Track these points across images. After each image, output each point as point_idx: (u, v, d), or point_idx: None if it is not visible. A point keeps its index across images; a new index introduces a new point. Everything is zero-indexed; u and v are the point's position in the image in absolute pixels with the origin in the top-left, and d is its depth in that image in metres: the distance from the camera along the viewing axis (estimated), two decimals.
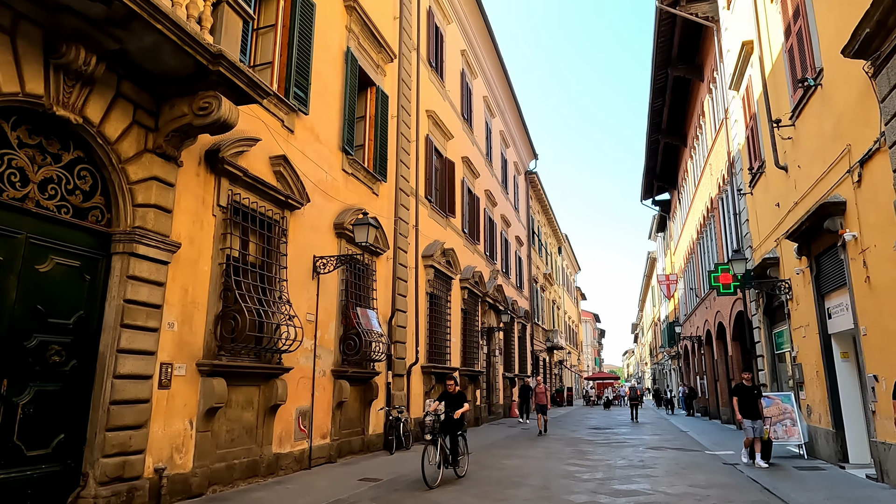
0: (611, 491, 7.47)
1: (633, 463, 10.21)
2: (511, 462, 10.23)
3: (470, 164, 19.29)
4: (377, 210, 12.07)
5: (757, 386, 10.21)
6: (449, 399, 8.50)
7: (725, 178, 16.98)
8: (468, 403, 8.74)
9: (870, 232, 7.71)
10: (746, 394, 9.91)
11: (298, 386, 8.83)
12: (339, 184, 10.60)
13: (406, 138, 13.72)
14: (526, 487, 7.69)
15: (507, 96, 26.07)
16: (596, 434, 16.60)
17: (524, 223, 30.93)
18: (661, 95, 22.40)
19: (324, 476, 8.37)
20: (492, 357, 21.56)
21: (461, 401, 8.63)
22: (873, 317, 7.76)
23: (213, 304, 7.10)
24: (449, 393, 8.68)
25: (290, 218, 8.86)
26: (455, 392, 8.73)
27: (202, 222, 7.03)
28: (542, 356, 34.52)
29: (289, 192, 8.59)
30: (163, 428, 6.25)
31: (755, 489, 7.71)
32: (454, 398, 8.59)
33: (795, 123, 10.41)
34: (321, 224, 9.85)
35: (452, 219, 17.17)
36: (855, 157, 7.99)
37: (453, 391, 8.72)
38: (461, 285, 17.56)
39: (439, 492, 7.42)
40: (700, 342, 24.47)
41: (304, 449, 8.92)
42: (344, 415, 10.25)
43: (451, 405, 8.36)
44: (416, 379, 13.58)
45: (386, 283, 12.30)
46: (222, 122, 6.16)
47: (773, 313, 13.44)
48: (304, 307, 9.13)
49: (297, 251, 9.00)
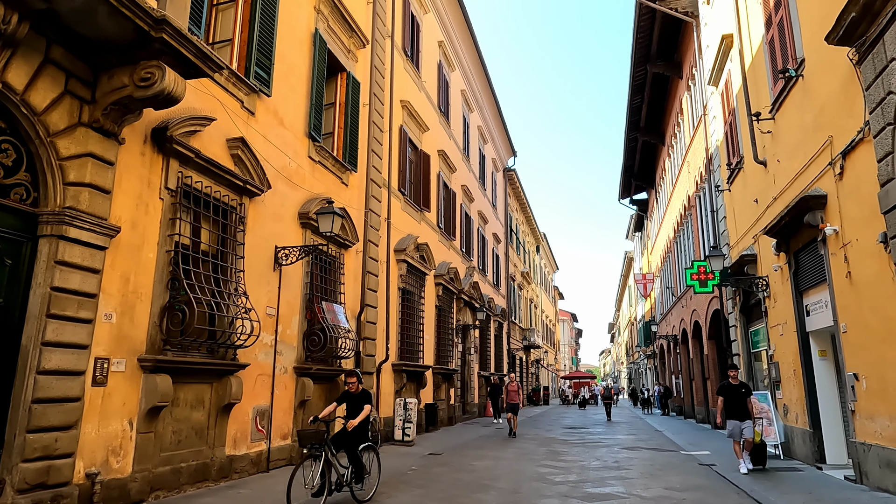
0: (584, 495, 7.11)
1: (608, 464, 9.89)
2: (482, 464, 9.83)
3: (446, 157, 18.86)
4: (346, 201, 11.58)
5: (744, 384, 9.44)
6: (350, 401, 6.89)
7: (703, 175, 16.82)
8: (370, 406, 6.75)
9: (851, 226, 7.47)
10: (733, 393, 9.19)
11: (256, 384, 8.31)
12: (305, 171, 10.08)
13: (378, 128, 13.23)
14: (495, 491, 7.29)
15: (485, 91, 25.70)
16: (571, 434, 16.32)
17: (502, 220, 30.62)
18: (639, 92, 22.24)
19: (282, 480, 7.84)
20: (467, 355, 21.18)
21: (363, 402, 6.77)
22: (854, 313, 7.53)
23: (159, 295, 6.56)
24: (350, 393, 6.94)
25: (250, 205, 8.33)
26: (358, 391, 6.93)
27: (147, 206, 6.48)
28: (518, 355, 34.27)
29: (247, 178, 8.06)
30: (97, 429, 5.70)
31: (732, 492, 7.43)
32: (356, 399, 6.87)
33: (775, 117, 10.18)
34: (284, 213, 9.33)
35: (427, 213, 16.72)
36: (837, 149, 7.75)
37: (356, 390, 6.92)
38: (436, 281, 17.12)
39: (402, 495, 6.99)
40: (676, 341, 24.41)
41: (262, 451, 8.41)
42: (307, 414, 9.73)
43: (353, 409, 6.81)
44: (386, 377, 13.11)
45: (355, 277, 11.80)
46: (167, 95, 5.63)
47: (750, 311, 13.27)
48: (264, 300, 8.61)
49: (256, 241, 8.48)
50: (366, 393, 6.97)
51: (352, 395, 6.98)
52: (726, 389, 9.27)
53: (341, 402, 7.05)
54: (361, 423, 6.65)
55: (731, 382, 9.28)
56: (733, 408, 9.05)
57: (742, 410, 8.99)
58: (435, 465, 9.63)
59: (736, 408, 9.03)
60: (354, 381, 7.01)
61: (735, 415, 9.01)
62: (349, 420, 6.58)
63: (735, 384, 9.25)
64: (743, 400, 9.05)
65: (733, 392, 9.16)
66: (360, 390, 6.99)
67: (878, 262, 6.79)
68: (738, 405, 9.04)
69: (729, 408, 9.08)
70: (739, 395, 9.10)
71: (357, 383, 7.02)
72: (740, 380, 9.62)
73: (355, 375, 7.07)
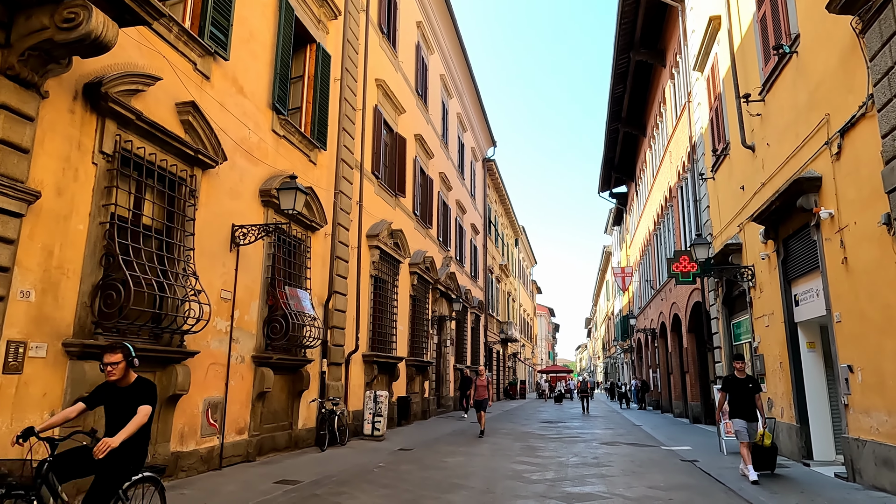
0: (562, 495, 6.57)
1: (587, 461, 9.39)
2: (454, 460, 9.25)
3: (423, 143, 18.19)
4: (315, 180, 10.86)
5: (752, 378, 8.14)
6: (114, 400, 4.03)
7: (686, 164, 16.44)
8: (151, 407, 4.01)
9: (849, 209, 7.03)
10: (739, 388, 7.97)
11: (208, 373, 7.60)
12: (268, 146, 9.35)
13: (351, 105, 12.51)
14: (466, 491, 6.71)
15: (465, 78, 25.04)
16: (547, 428, 15.86)
17: (480, 211, 30.06)
18: (622, 82, 21.83)
19: (234, 478, 7.19)
20: (443, 347, 20.60)
21: (139, 399, 3.98)
22: (849, 302, 7.10)
23: (91, 272, 5.81)
24: (114, 386, 4.06)
25: (202, 178, 7.59)
26: (129, 383, 4.07)
27: (77, 171, 5.72)
28: (495, 348, 33.83)
29: (199, 147, 7.31)
30: (9, 423, 4.96)
31: (719, 490, 6.96)
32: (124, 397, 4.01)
33: (765, 98, 9.74)
34: (244, 189, 8.59)
35: (402, 199, 16.05)
36: (834, 128, 7.30)
37: (122, 379, 4.05)
38: (410, 270, 16.48)
39: (364, 496, 6.36)
40: (654, 335, 24.15)
41: (214, 446, 7.70)
42: (267, 407, 9.05)
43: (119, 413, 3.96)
44: (356, 368, 12.45)
45: (323, 261, 11.10)
46: (94, 41, 4.88)
47: (733, 303, 12.91)
48: (219, 283, 7.88)
49: (210, 218, 7.74)
50: (144, 385, 4.08)
51: (117, 388, 4.04)
52: (731, 383, 8.08)
53: (95, 400, 4.06)
54: (131, 441, 3.85)
55: (738, 376, 8.08)
56: (740, 405, 7.88)
57: (750, 408, 7.86)
58: (404, 461, 9.03)
59: (743, 405, 7.88)
60: (118, 363, 3.98)
61: (742, 413, 7.85)
62: (105, 437, 3.74)
63: (742, 378, 8.04)
64: (751, 396, 7.89)
65: (740, 387, 7.99)
66: (132, 381, 4.08)
67: (879, 247, 6.35)
68: (745, 402, 7.89)
69: (734, 405, 7.93)
70: (747, 391, 7.94)
71: (126, 368, 4.04)
72: (748, 373, 8.33)
73: (121, 351, 4.03)
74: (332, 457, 9.22)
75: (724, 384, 8.25)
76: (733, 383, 8.08)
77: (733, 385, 8.06)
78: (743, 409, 7.86)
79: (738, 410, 7.89)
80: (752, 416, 7.84)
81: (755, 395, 7.90)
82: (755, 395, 7.89)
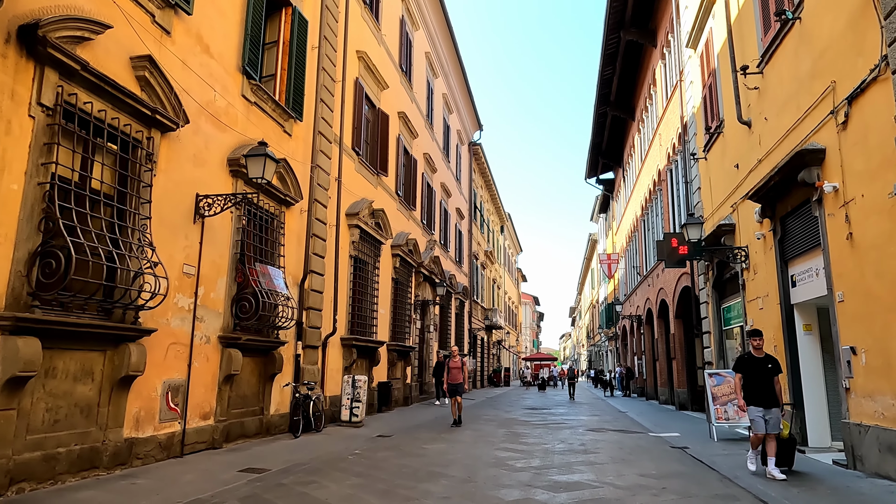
0: (549, 484, 6.12)
1: (574, 447, 8.98)
2: (434, 447, 8.79)
3: (407, 121, 17.56)
4: (290, 152, 10.24)
5: (772, 357, 6.88)
6: None
7: (676, 146, 16.03)
8: None
9: (855, 181, 6.61)
10: (756, 369, 6.76)
11: (168, 354, 7.02)
12: (238, 112, 8.71)
13: (330, 76, 11.87)
14: (445, 480, 6.23)
15: (451, 58, 24.38)
16: (532, 414, 15.48)
17: (466, 196, 29.53)
18: (611, 63, 21.33)
19: (195, 466, 6.65)
20: (426, 333, 20.13)
21: None
22: (853, 280, 6.70)
23: (27, 238, 5.20)
24: None
25: (162, 141, 6.96)
26: None
27: (10, 123, 5.08)
28: (480, 335, 33.46)
29: (157, 106, 6.68)
30: None
31: (714, 479, 6.57)
32: None
33: (764, 70, 9.30)
34: (210, 157, 7.97)
35: (385, 177, 15.45)
36: (841, 95, 6.86)
37: None
38: (393, 252, 15.92)
39: (333, 486, 5.87)
40: (640, 321, 23.89)
41: (175, 432, 7.14)
42: (236, 391, 8.50)
43: None
44: (333, 352, 11.91)
45: (298, 239, 10.51)
46: None
47: (724, 287, 12.57)
48: (180, 257, 7.28)
49: (171, 185, 7.13)
50: None
51: None
52: (747, 364, 6.87)
53: None
54: None
55: (755, 354, 6.88)
56: (756, 389, 6.69)
57: (768, 394, 6.64)
58: (381, 448, 8.55)
59: (760, 390, 6.67)
60: None
61: (759, 398, 6.64)
62: None
63: (759, 357, 6.83)
64: (770, 379, 6.68)
65: (757, 368, 6.77)
66: None
67: (889, 220, 5.95)
68: (763, 386, 6.66)
69: (750, 389, 6.74)
70: (765, 373, 6.71)
71: None
72: (766, 352, 7.08)
73: None
74: (305, 444, 8.71)
75: (738, 364, 7.01)
76: (749, 364, 6.84)
77: (749, 366, 6.84)
78: (760, 393, 6.65)
79: (755, 395, 6.67)
80: (770, 402, 6.61)
81: (775, 377, 6.71)
82: (775, 378, 6.71)
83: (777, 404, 6.63)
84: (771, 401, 6.63)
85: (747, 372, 6.82)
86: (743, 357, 7.02)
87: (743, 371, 6.87)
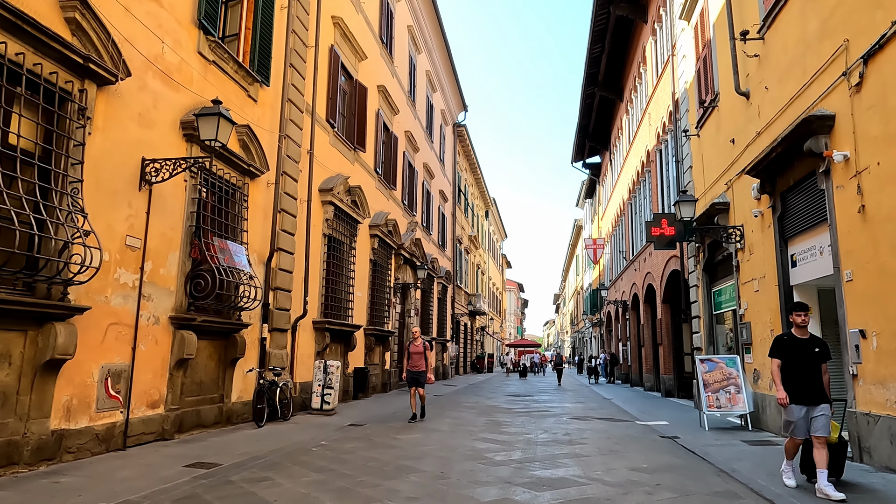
0: (531, 481, 5.51)
1: (558, 437, 8.40)
2: (408, 437, 8.15)
3: (388, 96, 16.73)
4: (255, 119, 9.44)
5: (818, 339, 5.38)
6: None
7: (667, 125, 15.43)
8: None
9: (870, 148, 6.01)
10: (800, 354, 5.22)
11: (108, 335, 6.26)
12: (193, 70, 7.88)
13: (301, 41, 11.03)
14: (416, 475, 5.59)
15: (435, 33, 23.50)
16: (514, 402, 14.94)
17: (450, 178, 28.78)
18: (600, 41, 20.64)
19: (137, 461, 5.93)
20: (406, 318, 19.46)
21: None
22: (865, 257, 6.13)
23: None
24: None
25: (99, 95, 6.15)
26: None
27: None
28: (463, 320, 32.91)
29: (90, 53, 5.86)
30: None
31: (710, 472, 6.01)
32: None
33: (765, 36, 8.67)
34: (159, 118, 7.16)
35: (362, 153, 14.67)
36: (855, 55, 6.25)
37: None
38: (371, 232, 15.18)
39: (288, 483, 5.20)
40: (626, 307, 23.45)
41: (116, 423, 6.41)
42: (191, 377, 7.77)
43: None
44: (304, 336, 11.20)
45: (265, 214, 9.75)
46: None
47: (715, 269, 12.03)
48: (122, 227, 6.50)
49: (111, 146, 6.33)
50: None
51: None
52: (787, 347, 5.33)
53: None
54: None
55: (797, 335, 5.33)
56: (798, 381, 5.17)
57: (815, 386, 5.13)
58: (351, 438, 7.90)
59: (804, 381, 5.14)
60: None
61: (801, 393, 5.13)
62: None
63: (803, 339, 5.30)
64: (817, 367, 5.19)
65: (800, 352, 5.24)
66: None
67: None
68: (809, 376, 5.15)
69: (791, 380, 5.21)
70: (811, 359, 5.19)
71: None
72: (812, 333, 5.47)
73: None
74: (268, 434, 8.03)
75: (776, 347, 5.45)
76: (791, 347, 5.31)
77: (791, 349, 5.30)
78: (804, 386, 5.13)
79: (797, 388, 5.15)
80: (818, 397, 5.10)
81: (822, 364, 5.23)
82: (822, 365, 5.23)
83: (826, 399, 5.13)
84: (818, 395, 5.10)
85: (788, 357, 5.30)
86: (782, 339, 5.47)
87: (782, 356, 5.35)
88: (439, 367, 24.95)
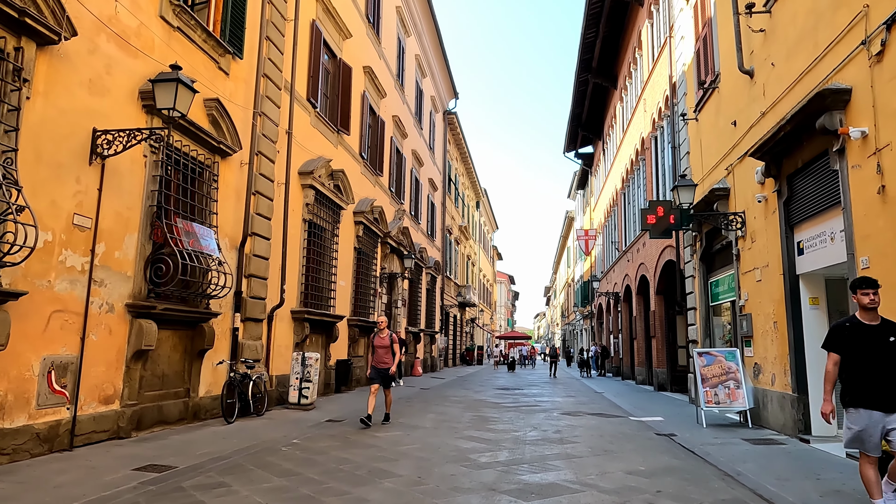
0: (517, 487, 4.97)
1: (548, 435, 7.88)
2: (388, 435, 7.61)
3: (374, 78, 16.07)
4: (226, 93, 8.79)
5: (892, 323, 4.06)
6: None
7: (663, 110, 14.89)
8: None
9: (892, 123, 5.48)
10: (868, 343, 3.96)
11: (51, 323, 5.65)
12: (155, 36, 7.23)
13: (280, 13, 10.37)
14: (391, 481, 5.04)
15: (425, 16, 22.80)
16: (503, 395, 14.44)
17: (440, 167, 28.14)
18: (595, 25, 20.02)
19: (81, 463, 5.34)
20: (393, 308, 18.90)
21: None
22: (884, 242, 5.62)
23: None
24: None
25: (40, 56, 5.50)
26: None
27: None
28: (452, 312, 32.39)
29: (25, 6, 5.20)
30: None
31: (713, 475, 5.52)
32: None
33: (772, 9, 8.12)
34: (113, 85, 6.51)
35: (346, 136, 14.02)
36: (876, 21, 5.70)
37: None
38: (355, 219, 14.57)
39: (245, 490, 4.63)
40: (618, 298, 23.00)
41: (62, 420, 5.81)
42: (151, 370, 7.16)
43: None
44: (282, 326, 10.61)
45: (238, 196, 9.12)
46: None
47: (712, 259, 11.54)
48: (69, 204, 5.87)
49: (55, 114, 5.69)
50: None
51: None
52: (850, 337, 4.04)
53: None
54: None
55: (864, 321, 4.05)
56: (868, 379, 3.91)
57: (890, 384, 3.86)
58: (326, 436, 7.34)
59: (876, 379, 3.88)
60: None
61: (873, 395, 3.88)
62: None
63: (873, 325, 4.01)
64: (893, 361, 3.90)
65: (870, 342, 3.97)
66: None
67: None
68: (883, 373, 3.88)
69: (856, 379, 3.96)
70: (887, 350, 3.92)
71: None
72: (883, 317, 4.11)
73: None
74: (237, 431, 7.45)
75: (832, 337, 4.14)
76: (856, 336, 4.02)
77: (855, 339, 4.01)
78: (877, 386, 3.87)
79: (866, 389, 3.90)
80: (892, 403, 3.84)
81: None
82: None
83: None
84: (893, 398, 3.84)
85: (852, 350, 4.01)
86: (843, 326, 4.13)
87: (842, 350, 4.05)
88: (427, 360, 24.44)
